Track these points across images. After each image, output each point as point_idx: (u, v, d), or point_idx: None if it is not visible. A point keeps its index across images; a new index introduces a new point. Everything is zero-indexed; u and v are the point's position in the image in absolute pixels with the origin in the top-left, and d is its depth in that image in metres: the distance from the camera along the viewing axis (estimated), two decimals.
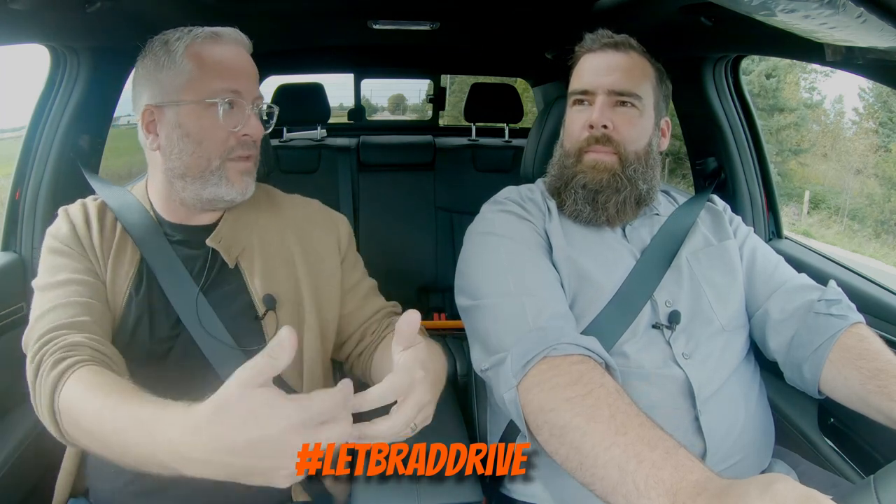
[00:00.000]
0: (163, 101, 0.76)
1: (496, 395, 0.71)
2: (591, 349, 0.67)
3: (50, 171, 1.10)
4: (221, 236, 0.81)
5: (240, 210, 0.84)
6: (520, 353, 0.67)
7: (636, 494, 0.51)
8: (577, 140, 0.86)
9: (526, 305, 0.73)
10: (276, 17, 1.44)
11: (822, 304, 0.81)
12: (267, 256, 0.82)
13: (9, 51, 0.92)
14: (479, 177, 1.98)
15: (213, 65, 0.76)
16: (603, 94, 0.83)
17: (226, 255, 0.80)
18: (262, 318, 0.79)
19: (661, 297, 0.81)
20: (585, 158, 0.85)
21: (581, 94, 0.86)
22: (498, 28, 1.66)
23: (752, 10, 0.56)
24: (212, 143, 0.76)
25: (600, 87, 0.84)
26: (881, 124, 11.47)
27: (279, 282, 0.81)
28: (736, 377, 0.81)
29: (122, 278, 0.79)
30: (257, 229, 0.84)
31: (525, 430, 0.66)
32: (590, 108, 0.84)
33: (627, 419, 0.58)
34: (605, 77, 0.84)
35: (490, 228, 0.84)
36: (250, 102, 0.78)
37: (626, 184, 0.84)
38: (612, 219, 0.85)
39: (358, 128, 2.49)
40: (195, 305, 0.77)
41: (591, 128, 0.83)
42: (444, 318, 1.85)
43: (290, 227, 0.86)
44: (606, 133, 0.83)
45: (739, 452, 0.78)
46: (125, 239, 0.81)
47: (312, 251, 0.85)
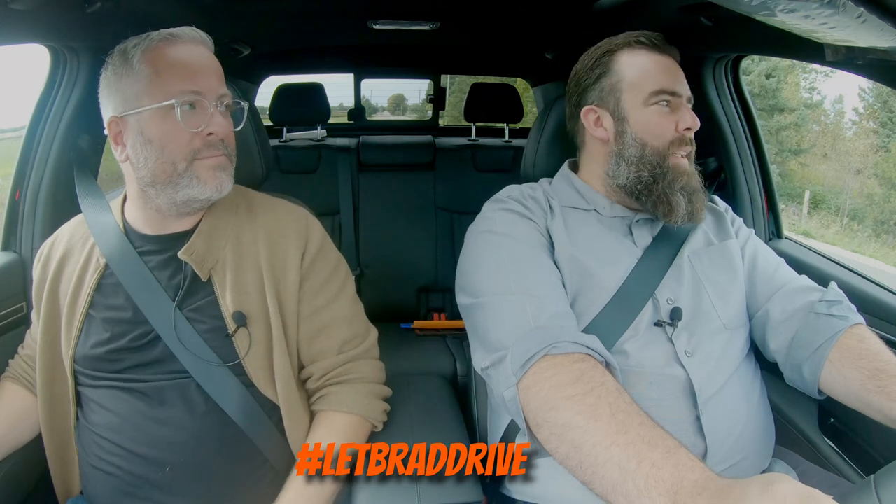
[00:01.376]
0: (125, 111, 0.76)
1: (496, 394, 0.71)
2: (591, 348, 0.67)
3: (50, 171, 1.09)
4: (194, 249, 0.79)
5: (216, 215, 0.82)
6: (520, 352, 0.67)
7: (636, 493, 0.51)
8: (667, 140, 0.85)
9: (526, 304, 0.73)
10: (276, 17, 1.44)
11: (823, 304, 0.81)
12: (239, 269, 0.80)
13: (9, 51, 0.92)
14: (479, 177, 1.98)
15: (170, 66, 0.75)
16: (685, 99, 0.86)
17: (198, 269, 0.79)
18: (232, 335, 0.78)
19: (662, 294, 0.81)
20: (676, 163, 0.85)
21: (670, 94, 0.85)
22: (498, 28, 1.66)
23: (752, 10, 0.56)
24: (174, 147, 0.75)
25: (684, 92, 0.86)
26: (881, 124, 11.47)
27: (250, 295, 0.80)
28: (737, 377, 0.81)
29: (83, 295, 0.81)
30: (231, 239, 0.82)
31: (525, 429, 0.66)
32: (672, 111, 0.85)
33: (628, 418, 0.57)
34: (683, 84, 0.86)
35: (491, 227, 0.84)
36: (214, 100, 0.76)
37: (699, 181, 0.87)
38: (699, 217, 0.86)
39: (358, 128, 2.49)
40: (172, 321, 0.77)
41: (688, 130, 0.85)
42: (444, 318, 1.85)
43: (261, 233, 0.83)
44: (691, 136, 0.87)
45: (740, 452, 0.78)
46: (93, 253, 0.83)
47: (279, 263, 0.82)
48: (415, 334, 1.77)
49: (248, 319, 0.79)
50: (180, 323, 0.78)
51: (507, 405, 0.68)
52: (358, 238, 1.90)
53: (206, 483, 0.77)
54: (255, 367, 0.79)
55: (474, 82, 2.23)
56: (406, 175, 1.97)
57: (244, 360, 0.78)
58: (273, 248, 0.82)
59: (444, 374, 1.52)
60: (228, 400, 0.77)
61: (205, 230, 0.81)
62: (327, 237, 0.88)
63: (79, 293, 0.82)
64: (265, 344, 0.79)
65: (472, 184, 1.95)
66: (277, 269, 0.81)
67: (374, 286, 1.84)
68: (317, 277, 0.84)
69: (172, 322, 0.77)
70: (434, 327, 1.80)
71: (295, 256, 0.82)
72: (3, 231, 1.11)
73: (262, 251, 0.82)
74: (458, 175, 1.98)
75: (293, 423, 0.80)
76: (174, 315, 0.77)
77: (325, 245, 0.87)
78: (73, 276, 0.83)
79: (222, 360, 0.78)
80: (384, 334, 0.94)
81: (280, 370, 0.80)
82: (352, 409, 0.82)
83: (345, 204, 1.91)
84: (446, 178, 1.98)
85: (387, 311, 1.76)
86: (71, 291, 0.82)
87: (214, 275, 0.80)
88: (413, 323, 1.80)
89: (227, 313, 0.79)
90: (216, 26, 0.83)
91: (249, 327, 0.79)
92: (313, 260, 0.84)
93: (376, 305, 0.93)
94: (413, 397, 0.98)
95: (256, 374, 0.79)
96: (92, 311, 0.81)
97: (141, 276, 0.79)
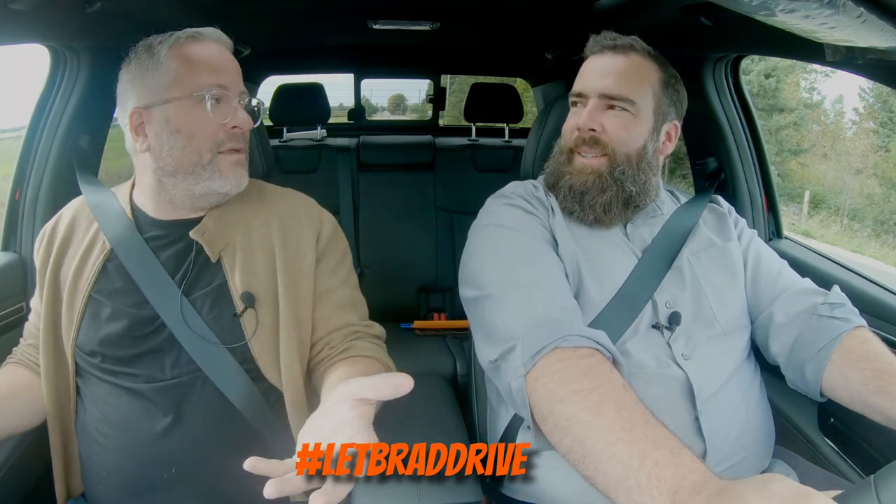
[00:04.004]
0: (150, 102, 0.78)
1: (502, 385, 0.71)
2: (600, 343, 0.67)
3: (50, 171, 1.09)
4: (206, 229, 0.81)
5: (227, 202, 0.84)
6: (530, 343, 0.67)
7: (637, 491, 0.52)
8: (568, 140, 0.88)
9: (535, 296, 0.73)
10: (276, 17, 1.44)
11: (826, 307, 0.81)
12: (248, 251, 0.82)
13: (9, 51, 0.92)
14: (479, 177, 1.98)
15: (198, 62, 0.78)
16: (594, 98, 0.85)
17: (209, 249, 0.80)
18: (240, 315, 0.79)
19: (661, 297, 0.81)
20: (575, 161, 0.86)
21: (576, 96, 0.87)
22: (498, 28, 1.66)
23: (752, 10, 0.56)
24: (202, 137, 0.78)
25: (592, 91, 0.85)
26: (881, 124, 11.48)
27: (259, 276, 0.81)
28: (736, 378, 0.81)
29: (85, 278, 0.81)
30: (242, 222, 0.84)
31: (530, 420, 0.66)
32: (582, 111, 0.85)
33: (633, 416, 0.58)
34: (598, 80, 0.85)
35: (496, 220, 0.84)
36: (236, 96, 0.79)
37: (611, 184, 0.84)
38: (599, 218, 0.85)
39: (358, 128, 2.48)
40: (178, 305, 0.78)
41: (579, 130, 0.85)
42: (444, 318, 1.85)
43: (274, 218, 0.85)
44: (594, 135, 0.84)
45: (740, 453, 0.78)
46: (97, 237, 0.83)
47: (293, 245, 0.84)
48: (415, 334, 1.78)
49: (256, 301, 0.79)
50: (186, 308, 0.78)
51: (514, 395, 0.68)
52: (358, 238, 1.90)
53: (210, 481, 0.77)
54: (261, 350, 0.79)
55: (474, 82, 2.23)
56: (406, 175, 1.97)
57: (250, 342, 0.78)
58: (287, 232, 0.84)
59: (444, 374, 1.52)
60: (233, 389, 0.77)
61: (216, 213, 0.83)
62: (338, 226, 0.90)
63: (80, 276, 0.81)
64: (272, 327, 0.80)
65: (472, 184, 1.95)
66: (292, 250, 0.83)
67: (374, 286, 1.83)
68: (331, 259, 0.86)
69: (179, 308, 0.78)
70: (434, 327, 1.80)
71: (311, 237, 0.84)
72: (3, 231, 1.11)
73: (274, 234, 0.83)
74: (458, 175, 1.98)
75: (296, 411, 0.80)
76: (181, 301, 0.78)
77: (337, 232, 0.89)
78: (76, 258, 0.83)
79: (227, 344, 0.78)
80: None
81: (285, 353, 0.80)
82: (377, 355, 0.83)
83: (345, 204, 1.91)
84: (446, 178, 1.98)
85: (387, 311, 1.75)
86: (72, 275, 0.82)
87: (224, 256, 0.81)
88: (413, 323, 1.81)
89: (236, 293, 0.79)
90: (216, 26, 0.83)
91: (257, 308, 0.79)
92: (328, 242, 0.86)
93: (376, 305, 0.94)
94: (413, 397, 0.98)
95: (261, 357, 0.79)
96: (95, 295, 0.81)
97: (146, 262, 0.80)
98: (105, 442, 0.79)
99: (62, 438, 0.84)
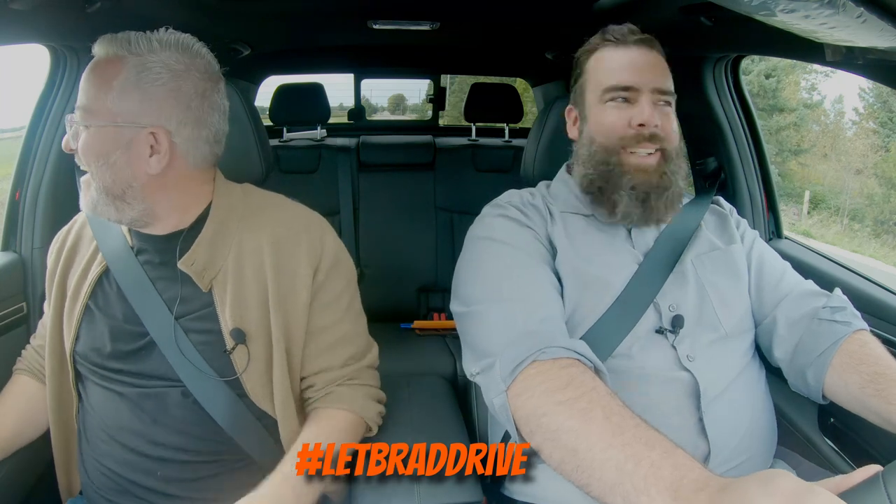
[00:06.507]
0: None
1: (486, 401, 0.70)
2: (580, 353, 0.67)
3: (50, 171, 1.09)
4: (195, 259, 0.77)
5: (220, 219, 0.80)
6: (508, 358, 0.67)
7: (634, 493, 0.51)
8: (619, 137, 0.82)
9: (516, 310, 0.72)
10: (276, 17, 1.44)
11: (827, 311, 0.81)
12: (240, 282, 0.78)
13: (9, 51, 0.92)
14: (479, 177, 1.98)
15: None
16: (648, 92, 0.82)
17: (198, 280, 0.77)
18: (230, 352, 0.77)
19: (664, 301, 0.81)
20: (630, 160, 0.82)
21: (622, 90, 0.83)
22: (498, 28, 1.66)
23: (752, 10, 0.56)
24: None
25: (645, 85, 0.82)
26: (881, 124, 11.46)
27: (250, 310, 0.77)
28: (741, 380, 0.81)
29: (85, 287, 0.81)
30: (234, 247, 0.79)
31: (516, 436, 0.66)
32: (631, 106, 0.82)
33: (623, 420, 0.57)
34: (648, 74, 0.82)
35: (490, 234, 0.83)
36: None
37: (671, 181, 0.82)
38: (662, 218, 0.84)
39: (358, 128, 2.48)
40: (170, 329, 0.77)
41: (642, 126, 0.81)
42: (444, 318, 1.85)
43: (267, 242, 0.79)
44: (655, 131, 0.82)
45: (743, 454, 0.78)
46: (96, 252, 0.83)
47: (287, 279, 0.79)
48: (415, 334, 1.78)
49: (247, 337, 0.77)
50: (178, 333, 0.77)
51: (497, 412, 0.67)
52: (358, 238, 1.90)
53: (197, 490, 0.77)
54: (254, 383, 0.78)
55: (474, 82, 2.23)
56: (406, 175, 1.97)
57: (242, 377, 0.77)
58: (281, 260, 0.79)
59: (444, 374, 1.52)
60: (219, 411, 0.77)
61: (208, 236, 0.78)
62: (342, 247, 0.85)
63: (82, 284, 0.82)
64: (265, 360, 0.78)
65: (472, 184, 1.95)
66: (285, 285, 0.79)
67: (374, 286, 1.83)
68: (327, 294, 0.82)
69: (171, 332, 0.77)
70: (434, 327, 1.80)
71: (306, 273, 0.79)
72: (3, 231, 1.11)
73: (267, 260, 0.78)
74: (458, 175, 1.98)
75: (288, 432, 0.80)
76: (174, 328, 0.77)
77: (339, 258, 0.84)
78: (80, 266, 0.83)
79: (218, 373, 0.77)
80: (384, 334, 0.94)
81: (279, 385, 0.78)
82: (352, 407, 0.82)
83: (345, 204, 1.91)
84: (446, 178, 1.98)
85: (387, 311, 1.76)
86: (75, 282, 0.82)
87: (215, 286, 0.78)
88: (413, 323, 1.81)
89: (226, 330, 0.77)
90: (216, 26, 0.83)
91: (248, 344, 0.77)
92: (327, 276, 0.81)
93: (376, 305, 0.93)
94: (413, 397, 0.98)
95: (255, 390, 0.78)
96: (91, 305, 0.81)
97: (139, 282, 0.79)
98: (98, 443, 0.79)
99: (64, 437, 0.85)
